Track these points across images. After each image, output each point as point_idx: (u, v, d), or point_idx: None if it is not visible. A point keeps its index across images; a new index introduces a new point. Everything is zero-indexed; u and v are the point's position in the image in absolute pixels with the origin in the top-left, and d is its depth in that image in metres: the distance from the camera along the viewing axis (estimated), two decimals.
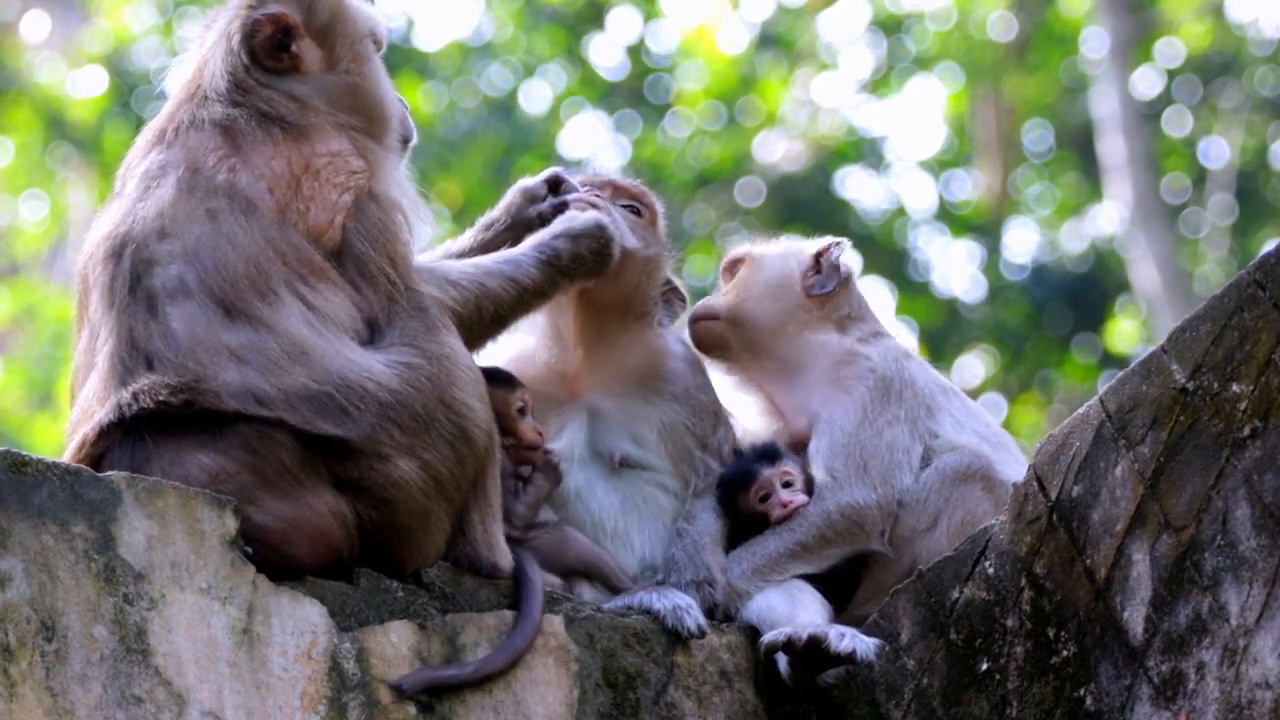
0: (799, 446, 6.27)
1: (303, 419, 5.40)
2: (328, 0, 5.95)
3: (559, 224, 6.04)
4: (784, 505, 6.09)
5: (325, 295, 5.57)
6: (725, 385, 6.45)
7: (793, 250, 6.52)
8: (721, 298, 6.46)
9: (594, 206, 6.18)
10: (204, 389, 5.39)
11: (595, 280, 6.07)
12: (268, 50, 5.85)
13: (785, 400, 6.36)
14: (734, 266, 6.53)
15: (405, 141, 6.08)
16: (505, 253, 6.00)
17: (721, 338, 6.39)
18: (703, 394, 6.27)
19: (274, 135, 5.73)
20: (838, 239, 6.50)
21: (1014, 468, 6.15)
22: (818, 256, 6.44)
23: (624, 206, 6.33)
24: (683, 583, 5.93)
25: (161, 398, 5.39)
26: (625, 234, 6.16)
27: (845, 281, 6.46)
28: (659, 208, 6.45)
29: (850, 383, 6.24)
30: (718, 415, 6.27)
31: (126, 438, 5.42)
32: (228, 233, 5.54)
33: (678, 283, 6.49)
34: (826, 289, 6.39)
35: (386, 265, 5.67)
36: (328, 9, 5.95)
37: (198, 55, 5.95)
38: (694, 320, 6.44)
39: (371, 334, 5.61)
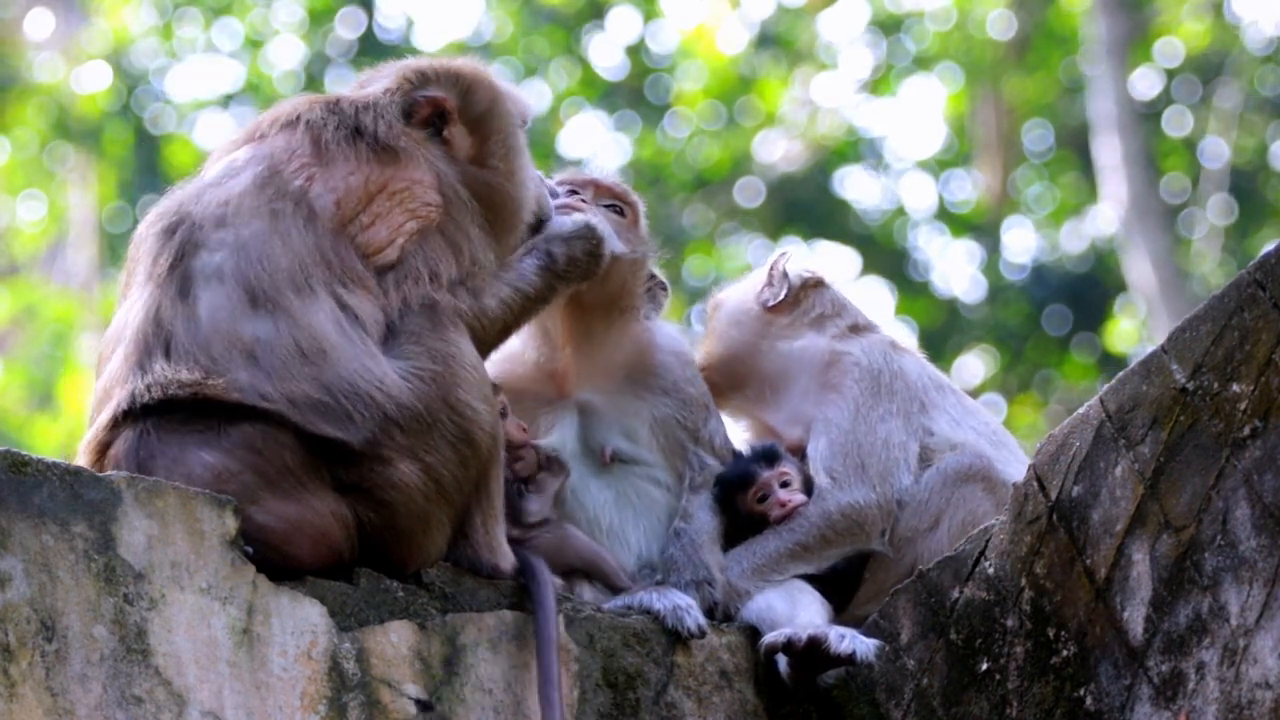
0: (796, 454, 6.27)
1: (305, 419, 5.41)
2: (486, 91, 6.00)
3: (549, 229, 6.05)
4: (782, 505, 6.09)
5: (359, 299, 5.59)
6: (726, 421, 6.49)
7: (752, 276, 6.56)
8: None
9: (578, 211, 6.20)
10: (211, 383, 5.41)
11: (588, 281, 6.08)
12: (422, 130, 5.90)
13: (778, 417, 6.36)
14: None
15: (541, 220, 6.07)
16: (504, 262, 6.01)
17: (712, 387, 6.38)
18: (691, 387, 6.27)
19: (361, 152, 5.76)
20: (784, 250, 6.56)
21: (1014, 466, 6.15)
22: (770, 271, 6.47)
23: (606, 206, 6.35)
24: (682, 582, 5.93)
25: (171, 391, 5.41)
26: (611, 238, 6.17)
27: (808, 285, 6.47)
28: (641, 206, 6.47)
29: (838, 380, 6.25)
30: (708, 408, 6.28)
31: (134, 431, 5.43)
32: (283, 232, 5.58)
33: (660, 275, 6.51)
34: (779, 298, 6.41)
35: (427, 284, 5.68)
36: (486, 100, 5.99)
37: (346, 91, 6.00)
38: None
39: (388, 335, 5.63)
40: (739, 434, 6.48)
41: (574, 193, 6.38)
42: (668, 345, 6.34)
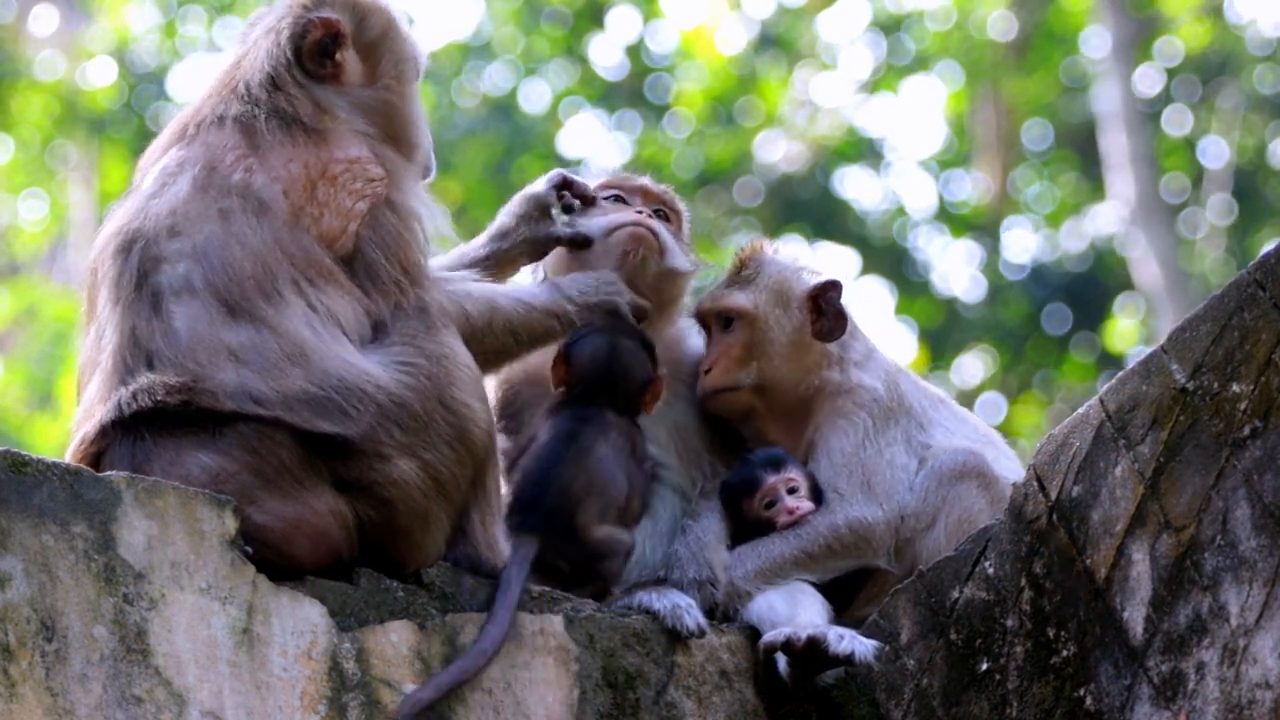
0: None
1: (301, 419, 5.40)
2: (380, 17, 5.98)
3: (588, 285, 6.07)
4: (790, 512, 6.06)
5: (331, 297, 5.57)
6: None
7: (785, 293, 6.31)
8: (734, 366, 6.25)
9: (649, 229, 6.21)
10: (201, 389, 5.40)
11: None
12: (313, 54, 5.86)
13: (785, 436, 6.30)
14: (718, 315, 6.31)
15: (424, 175, 6.08)
16: (525, 290, 6.06)
17: (747, 405, 6.27)
18: None
19: (295, 137, 5.73)
20: (831, 278, 6.33)
21: (1004, 463, 6.16)
22: (815, 299, 6.33)
23: (655, 212, 6.35)
24: (685, 580, 5.93)
25: (159, 397, 5.39)
26: (674, 255, 6.22)
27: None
28: (685, 212, 6.47)
29: (850, 410, 6.19)
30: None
31: (126, 436, 5.42)
32: (238, 232, 5.55)
33: None
34: (836, 335, 6.28)
35: (399, 274, 5.67)
36: (379, 25, 5.97)
37: (238, 50, 5.95)
38: (715, 393, 6.26)
39: (377, 336, 5.62)
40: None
41: (620, 199, 6.36)
42: (699, 353, 6.33)
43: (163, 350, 5.45)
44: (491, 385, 6.15)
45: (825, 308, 6.28)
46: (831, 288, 6.29)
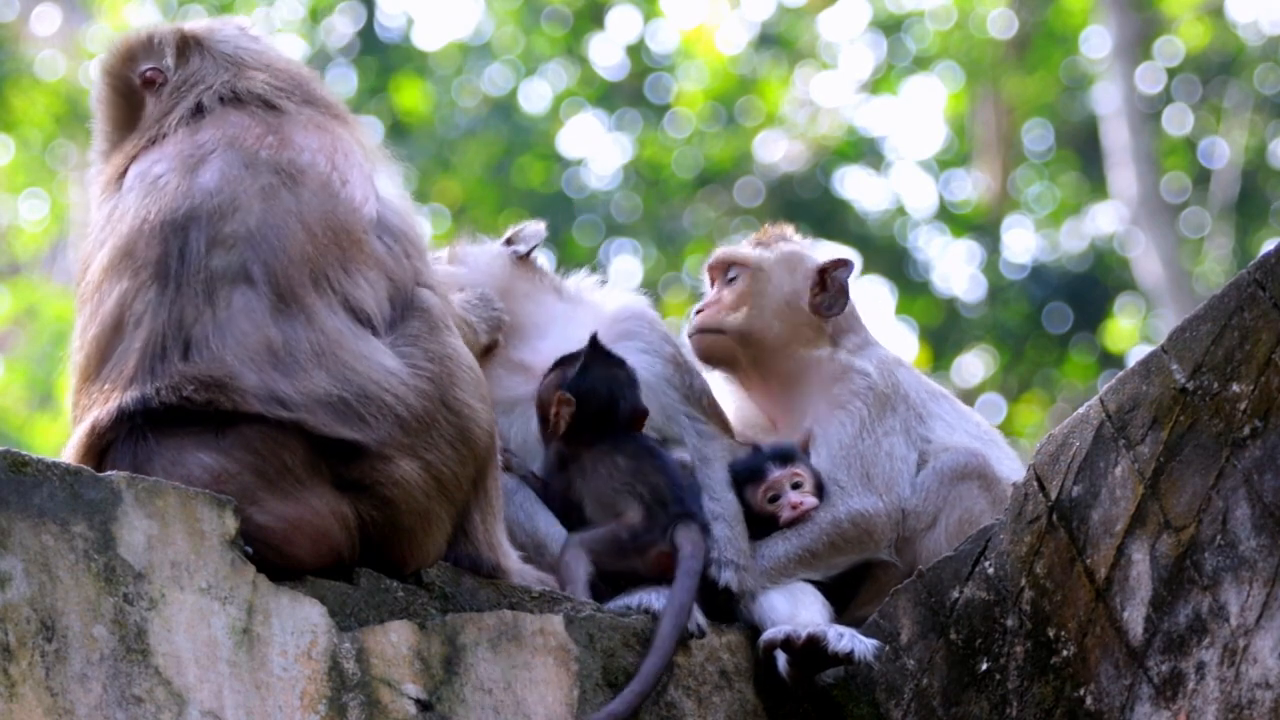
0: None
1: (321, 423, 5.40)
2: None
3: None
4: (794, 507, 6.06)
5: (363, 280, 5.58)
6: (723, 393, 6.43)
7: (795, 260, 6.39)
8: (724, 310, 6.34)
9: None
10: (232, 388, 5.38)
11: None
12: None
13: (778, 413, 6.33)
14: (725, 268, 6.44)
15: None
16: None
17: (729, 352, 6.32)
18: (669, 344, 6.30)
19: (306, 114, 5.79)
20: (844, 257, 6.40)
21: (1006, 464, 6.16)
22: (823, 273, 6.38)
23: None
24: (723, 560, 5.91)
25: (187, 393, 5.38)
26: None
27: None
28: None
29: (846, 398, 6.20)
30: (687, 364, 6.29)
31: (130, 434, 5.41)
32: (285, 211, 5.55)
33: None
34: (834, 311, 6.33)
35: (411, 247, 5.72)
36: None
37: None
38: (698, 332, 6.36)
39: (394, 310, 5.62)
40: (738, 415, 6.42)
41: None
42: (637, 310, 6.36)
43: (203, 341, 5.43)
44: None
45: (830, 284, 6.32)
46: (841, 264, 6.37)
